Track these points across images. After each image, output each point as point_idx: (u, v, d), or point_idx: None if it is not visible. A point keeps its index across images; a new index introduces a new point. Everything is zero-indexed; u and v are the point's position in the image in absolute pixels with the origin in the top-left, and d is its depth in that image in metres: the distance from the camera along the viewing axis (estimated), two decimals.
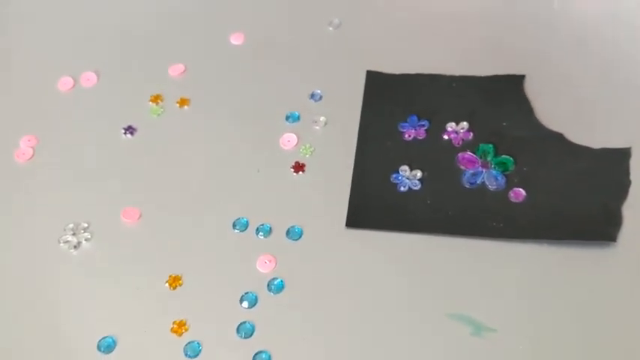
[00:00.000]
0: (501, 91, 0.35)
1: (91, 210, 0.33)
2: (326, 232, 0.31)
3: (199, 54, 0.39)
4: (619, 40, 0.37)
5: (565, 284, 0.29)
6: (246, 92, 0.37)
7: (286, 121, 0.36)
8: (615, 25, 0.37)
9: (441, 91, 0.36)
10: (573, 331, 0.28)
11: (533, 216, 0.31)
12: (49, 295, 0.30)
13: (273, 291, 0.30)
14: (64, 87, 0.38)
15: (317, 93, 0.37)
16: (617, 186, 0.31)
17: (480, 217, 0.31)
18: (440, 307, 0.29)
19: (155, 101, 0.37)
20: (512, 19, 0.38)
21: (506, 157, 0.33)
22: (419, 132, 0.34)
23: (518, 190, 0.32)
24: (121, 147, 0.35)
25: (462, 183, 0.32)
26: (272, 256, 0.31)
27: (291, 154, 0.34)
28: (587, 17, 0.37)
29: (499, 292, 0.29)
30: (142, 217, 0.33)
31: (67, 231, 0.32)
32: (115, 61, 0.39)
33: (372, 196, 0.32)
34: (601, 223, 0.30)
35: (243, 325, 0.29)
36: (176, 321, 0.29)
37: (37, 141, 0.36)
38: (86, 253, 0.32)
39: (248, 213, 0.32)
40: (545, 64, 0.36)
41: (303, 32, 0.39)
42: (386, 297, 0.29)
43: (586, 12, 0.37)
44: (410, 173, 0.33)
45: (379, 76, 0.37)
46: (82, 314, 0.30)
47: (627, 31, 0.37)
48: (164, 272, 0.30)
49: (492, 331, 0.28)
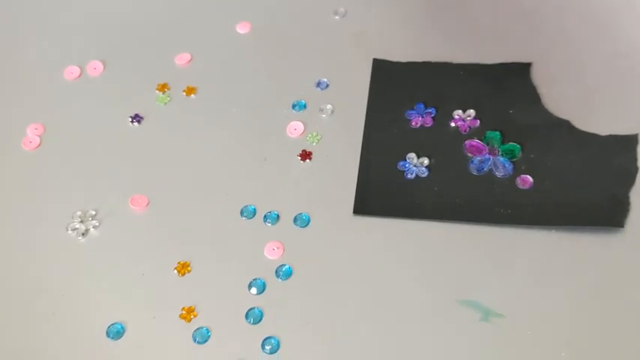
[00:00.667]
0: (508, 78, 0.35)
1: (98, 198, 0.33)
2: (333, 219, 0.31)
3: (206, 43, 0.39)
4: (626, 26, 0.37)
5: (573, 270, 0.29)
6: (253, 81, 0.37)
7: (293, 110, 0.36)
8: (623, 11, 0.37)
9: (447, 79, 0.36)
10: (581, 317, 0.28)
11: (540, 202, 0.31)
12: (57, 282, 0.30)
13: (281, 277, 0.30)
14: (71, 76, 0.38)
15: (323, 81, 0.37)
16: (625, 172, 0.31)
17: (488, 203, 0.31)
18: (448, 293, 0.29)
19: (162, 90, 0.37)
20: (519, 7, 0.38)
21: (514, 144, 0.33)
22: (426, 119, 0.34)
23: (526, 177, 0.32)
24: (128, 135, 0.35)
25: (470, 170, 0.32)
26: (280, 243, 0.31)
27: (298, 142, 0.34)
28: (595, 4, 0.37)
29: (507, 279, 0.29)
30: (149, 205, 0.33)
31: (74, 218, 0.32)
32: (121, 50, 0.39)
33: (379, 184, 0.32)
34: (608, 209, 0.30)
35: (251, 310, 0.29)
36: (185, 307, 0.29)
37: (44, 129, 0.36)
38: (94, 241, 0.32)
39: (255, 201, 0.32)
40: (552, 51, 0.36)
41: (310, 21, 0.39)
42: (394, 283, 0.29)
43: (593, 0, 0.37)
44: (417, 161, 0.33)
45: (385, 64, 0.37)
46: (90, 301, 0.30)
47: (634, 17, 0.37)
48: (173, 259, 0.31)
49: (501, 317, 0.28)
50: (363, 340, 0.28)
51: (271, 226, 0.31)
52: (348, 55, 0.38)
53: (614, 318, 0.28)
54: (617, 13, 0.37)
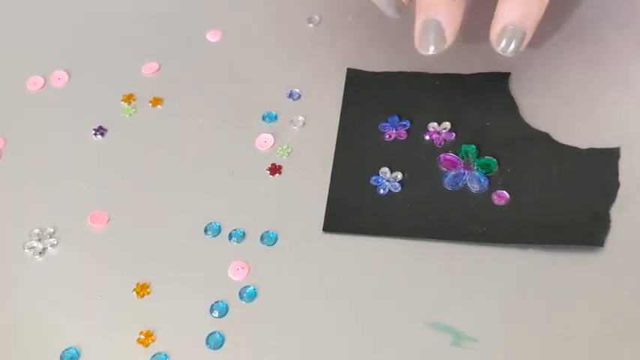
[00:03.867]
0: (485, 89, 0.34)
1: (57, 214, 0.32)
2: (302, 236, 0.30)
3: (175, 52, 0.37)
4: (606, 38, 0.36)
5: (550, 292, 0.28)
6: (223, 91, 0.36)
7: (263, 121, 0.34)
8: (601, 23, 0.36)
9: (423, 90, 0.35)
10: (557, 341, 0.26)
11: (517, 219, 0.29)
12: (11, 303, 0.29)
13: (245, 299, 0.28)
14: (34, 86, 0.37)
15: (295, 92, 0.35)
16: (606, 188, 0.30)
17: (462, 220, 0.30)
18: (419, 315, 0.27)
19: (127, 101, 0.36)
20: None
21: (490, 158, 0.31)
22: (400, 132, 0.33)
23: (502, 192, 0.30)
24: (91, 149, 0.34)
25: (444, 185, 0.31)
26: (245, 263, 0.29)
27: (268, 155, 0.33)
28: (573, 15, 0.36)
29: (481, 300, 0.28)
30: (110, 222, 0.31)
31: (32, 236, 0.31)
32: (87, 60, 0.37)
33: (350, 200, 0.31)
34: (588, 226, 0.29)
35: (212, 335, 0.27)
36: (143, 331, 0.28)
37: (5, 142, 0.34)
38: (52, 260, 0.30)
39: (221, 217, 0.31)
40: (531, 61, 0.35)
41: (283, 29, 0.38)
42: (364, 305, 0.28)
43: (572, 10, 0.36)
44: (390, 175, 0.32)
45: (360, 74, 0.36)
46: (45, 324, 0.28)
47: (613, 28, 0.36)
48: (132, 280, 0.29)
49: (473, 341, 0.27)
50: None
51: (237, 245, 0.30)
52: (321, 65, 0.36)
53: (592, 341, 0.26)
54: (596, 24, 0.36)
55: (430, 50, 0.31)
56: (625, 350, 0.26)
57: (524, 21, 0.30)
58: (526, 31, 0.30)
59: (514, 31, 0.30)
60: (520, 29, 0.30)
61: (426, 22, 0.31)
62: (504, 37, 0.30)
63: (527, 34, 0.31)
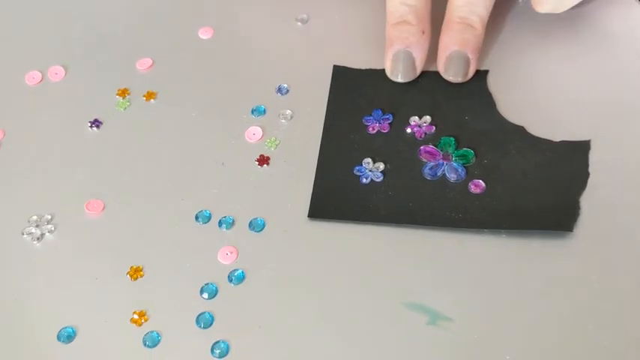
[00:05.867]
0: (464, 86, 0.36)
1: (55, 202, 0.33)
2: (288, 223, 0.32)
3: (168, 48, 0.39)
4: (579, 35, 0.38)
5: (521, 274, 0.29)
6: (214, 86, 0.37)
7: (252, 115, 0.36)
8: (575, 20, 0.38)
9: (405, 86, 0.36)
10: (527, 320, 0.28)
11: (492, 207, 0.31)
12: (10, 285, 0.30)
13: (233, 282, 0.30)
14: (32, 81, 0.38)
15: (284, 87, 0.37)
16: (576, 178, 0.32)
17: (440, 208, 0.31)
18: (398, 296, 0.29)
19: (122, 95, 0.37)
20: None
21: (467, 149, 0.33)
22: (383, 125, 0.35)
23: (478, 181, 0.32)
24: (87, 140, 0.35)
25: (423, 175, 0.33)
26: (234, 248, 0.31)
27: (257, 147, 0.35)
28: (548, 16, 0.38)
29: (457, 282, 0.29)
30: (105, 209, 0.33)
31: (30, 223, 0.32)
32: (83, 55, 0.39)
33: (334, 188, 0.33)
34: (559, 213, 0.31)
35: (202, 315, 0.29)
36: (136, 311, 0.29)
37: (4, 134, 0.36)
38: (49, 245, 0.32)
39: (211, 205, 0.32)
40: (507, 59, 0.37)
41: (272, 27, 0.40)
42: (346, 287, 0.30)
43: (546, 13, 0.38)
44: (373, 166, 0.33)
45: (345, 70, 0.37)
46: (43, 305, 0.30)
47: (586, 26, 0.38)
48: (126, 263, 0.31)
49: (449, 320, 0.28)
50: (313, 342, 0.28)
51: (226, 231, 0.32)
52: (309, 62, 0.38)
53: (559, 320, 0.28)
54: (570, 22, 0.38)
55: (399, 78, 0.35)
56: (590, 327, 0.28)
57: (463, 47, 0.34)
58: (469, 56, 0.33)
59: (457, 57, 0.34)
60: (462, 55, 0.34)
61: (398, 52, 0.34)
62: (450, 64, 0.34)
63: (471, 58, 0.34)
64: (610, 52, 0.37)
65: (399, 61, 0.35)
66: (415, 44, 0.34)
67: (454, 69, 0.34)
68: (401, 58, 0.35)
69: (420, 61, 0.35)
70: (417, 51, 0.35)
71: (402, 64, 0.35)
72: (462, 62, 0.34)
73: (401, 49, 0.35)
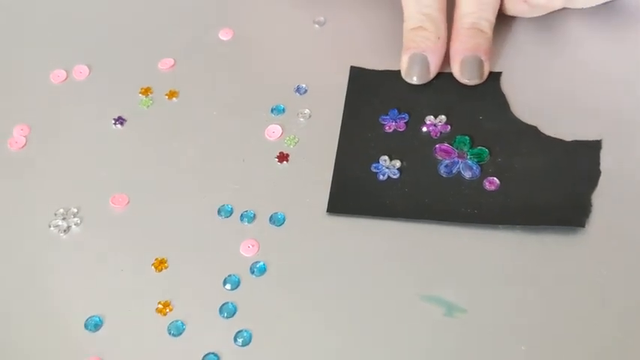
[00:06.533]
0: (479, 86, 0.37)
1: (80, 196, 0.34)
2: (308, 218, 0.33)
3: (189, 49, 0.40)
4: (590, 36, 0.38)
5: (534, 268, 0.30)
6: (234, 86, 0.38)
7: (271, 114, 0.37)
8: (586, 22, 0.39)
9: (421, 87, 0.37)
10: (541, 312, 0.29)
11: (506, 203, 0.32)
12: (38, 276, 0.31)
13: (255, 274, 0.31)
14: (57, 79, 0.39)
15: (302, 87, 0.38)
16: (588, 176, 0.33)
17: (455, 204, 0.32)
18: (415, 289, 0.30)
19: (145, 93, 0.38)
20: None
21: (482, 148, 0.34)
22: (399, 124, 0.36)
23: (493, 179, 0.33)
24: (111, 137, 0.36)
25: (439, 172, 0.34)
26: (255, 241, 0.32)
27: (276, 144, 0.36)
28: (560, 18, 0.39)
29: (472, 276, 0.30)
30: (130, 204, 0.34)
31: (57, 216, 0.33)
32: (107, 55, 0.40)
33: (352, 184, 0.34)
34: (571, 210, 0.32)
35: (225, 305, 0.30)
36: (161, 301, 0.30)
37: (30, 130, 0.37)
38: (75, 237, 0.33)
39: (233, 200, 0.33)
40: (521, 61, 0.38)
41: (290, 29, 0.41)
42: (363, 279, 0.30)
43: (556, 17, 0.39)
44: (389, 163, 0.34)
45: (362, 71, 0.38)
46: (70, 295, 0.31)
47: (598, 29, 0.38)
48: (150, 255, 0.32)
49: (464, 312, 0.29)
50: (332, 332, 0.29)
51: (247, 225, 0.33)
52: (326, 63, 0.39)
53: (571, 313, 0.29)
54: (582, 25, 0.39)
55: (414, 80, 0.36)
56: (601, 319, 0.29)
57: (475, 51, 0.35)
58: (481, 58, 0.35)
59: (472, 61, 0.35)
60: (477, 58, 0.35)
61: (413, 55, 0.35)
62: (464, 69, 0.35)
63: (484, 60, 0.36)
64: (621, 55, 0.38)
65: (414, 64, 0.36)
66: (431, 49, 0.36)
67: (469, 72, 0.35)
68: (417, 62, 0.36)
69: (435, 66, 0.36)
70: (432, 56, 0.36)
71: (417, 67, 0.36)
72: (477, 65, 0.35)
73: (417, 52, 0.36)
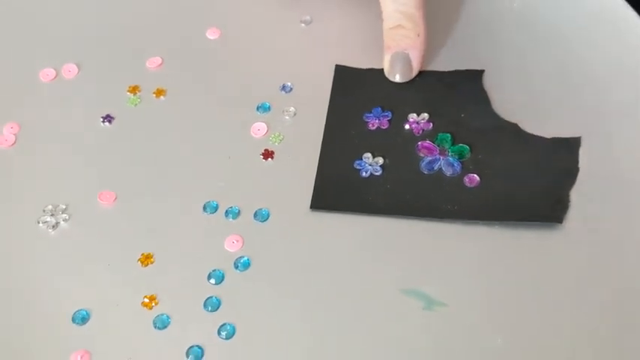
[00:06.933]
0: (461, 84, 0.37)
1: (69, 193, 0.34)
2: (291, 214, 0.33)
3: (176, 48, 0.40)
4: (571, 37, 0.39)
5: (512, 263, 0.31)
6: (220, 84, 0.39)
7: (257, 111, 0.37)
8: (568, 23, 0.39)
9: (404, 85, 0.38)
10: (517, 306, 0.30)
11: (486, 200, 0.33)
12: (27, 271, 0.32)
13: (239, 268, 0.31)
14: (47, 78, 0.40)
15: (288, 85, 0.38)
16: (567, 173, 0.33)
17: (436, 200, 0.33)
18: (396, 283, 0.31)
19: (133, 92, 0.39)
20: (473, 19, 0.40)
21: (463, 145, 0.35)
22: (382, 122, 0.36)
23: (473, 175, 0.34)
24: (99, 135, 0.37)
25: (421, 169, 0.34)
26: (239, 237, 0.33)
27: (261, 141, 0.36)
28: (542, 18, 0.39)
29: (451, 270, 0.31)
30: (117, 200, 0.34)
31: (45, 212, 0.34)
32: (95, 54, 0.40)
33: (335, 181, 0.34)
34: (549, 206, 0.32)
35: (209, 299, 0.30)
36: (147, 295, 0.31)
37: (19, 128, 0.37)
38: (64, 233, 0.33)
39: (218, 197, 0.34)
40: (503, 59, 0.38)
41: (277, 28, 0.41)
42: (345, 274, 0.31)
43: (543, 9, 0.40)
44: (372, 160, 0.35)
45: (347, 70, 0.39)
46: (58, 289, 0.31)
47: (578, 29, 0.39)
48: (137, 251, 0.32)
49: (443, 306, 0.30)
50: (314, 325, 0.30)
51: (232, 221, 0.33)
52: (312, 61, 0.40)
53: (547, 306, 0.30)
54: (564, 25, 0.39)
55: (397, 78, 0.37)
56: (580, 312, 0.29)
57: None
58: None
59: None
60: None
61: (395, 54, 0.36)
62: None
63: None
64: (602, 55, 0.38)
65: (396, 63, 0.37)
66: (411, 46, 0.36)
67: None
68: (398, 60, 0.36)
69: (417, 63, 0.37)
70: (413, 52, 0.36)
71: (399, 65, 0.36)
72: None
73: (398, 51, 0.36)
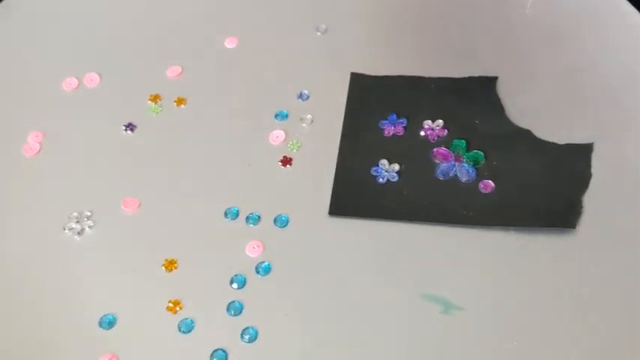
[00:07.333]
0: (475, 91, 0.38)
1: (93, 200, 0.36)
2: (310, 220, 0.34)
3: (196, 57, 0.41)
4: (583, 44, 0.40)
5: (528, 267, 0.32)
6: (239, 92, 0.40)
7: (275, 119, 0.38)
8: (580, 30, 0.40)
9: (419, 92, 0.38)
10: (532, 310, 0.30)
11: (501, 205, 0.33)
12: (55, 277, 0.33)
13: (260, 273, 0.32)
14: (69, 87, 0.41)
15: (304, 93, 0.39)
16: (579, 178, 0.34)
17: (452, 206, 0.34)
18: (414, 287, 0.31)
19: (154, 100, 0.40)
20: (487, 27, 0.41)
21: (478, 151, 0.35)
22: (398, 129, 0.37)
23: (488, 182, 0.34)
24: (122, 142, 0.38)
25: (436, 175, 0.35)
26: (260, 242, 0.33)
27: (280, 149, 0.37)
28: (556, 22, 0.40)
29: (468, 275, 0.32)
30: (141, 207, 0.35)
31: (71, 219, 0.35)
32: (117, 63, 0.42)
33: (353, 187, 0.35)
34: (563, 211, 0.33)
35: (232, 303, 0.31)
36: (171, 300, 0.32)
37: (44, 137, 0.38)
38: (89, 239, 0.34)
39: (239, 203, 0.35)
40: (516, 66, 0.39)
41: (293, 37, 0.42)
42: (364, 278, 0.32)
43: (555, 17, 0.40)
44: (389, 166, 0.36)
45: (362, 77, 0.40)
46: (84, 294, 0.32)
47: (590, 35, 0.40)
48: (161, 256, 0.33)
49: (460, 310, 0.30)
50: (336, 329, 0.30)
51: (253, 227, 0.34)
52: (328, 69, 0.40)
53: (562, 310, 0.30)
54: (576, 32, 0.40)
55: None
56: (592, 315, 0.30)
57: None
58: None
59: None
60: None
61: None
62: None
63: None
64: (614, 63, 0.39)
65: None
66: None
67: None
68: None
69: None
70: None
71: None
72: None
73: None
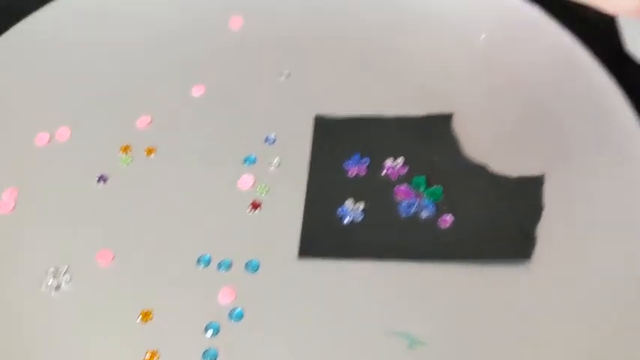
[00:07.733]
0: (432, 129, 0.40)
1: (69, 254, 0.37)
2: (281, 263, 0.35)
3: (164, 106, 0.43)
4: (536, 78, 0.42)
5: (487, 298, 0.33)
6: (207, 138, 0.41)
7: (244, 164, 0.40)
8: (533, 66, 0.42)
9: (380, 131, 0.40)
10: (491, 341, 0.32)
11: (459, 239, 0.35)
12: (32, 334, 0.34)
13: (234, 319, 0.34)
14: (42, 142, 0.42)
15: (271, 137, 0.41)
16: (532, 210, 0.36)
17: (414, 242, 0.35)
18: (381, 324, 0.33)
19: (125, 151, 0.41)
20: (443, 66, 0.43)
21: (437, 187, 0.37)
22: (361, 169, 0.39)
23: (446, 217, 0.36)
24: (95, 194, 0.39)
25: (399, 213, 0.37)
26: (232, 288, 0.35)
27: (249, 193, 0.38)
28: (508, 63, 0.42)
29: (431, 309, 0.33)
30: (114, 259, 0.36)
31: (48, 275, 0.36)
32: (87, 116, 0.43)
33: (320, 229, 0.37)
34: (518, 243, 0.35)
35: (207, 351, 0.32)
36: (148, 351, 0.33)
37: (18, 192, 0.39)
38: (66, 294, 0.35)
39: (210, 250, 0.36)
40: (470, 103, 0.41)
41: (258, 82, 0.44)
42: (334, 317, 0.33)
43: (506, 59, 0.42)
44: (354, 206, 0.37)
45: (326, 119, 0.41)
46: (62, 349, 0.33)
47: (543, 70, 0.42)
48: (136, 308, 0.34)
49: (423, 345, 0.32)
50: None
51: (225, 273, 0.35)
52: (292, 113, 0.42)
53: (521, 338, 0.32)
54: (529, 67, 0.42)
55: None
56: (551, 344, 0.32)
57: None
58: None
59: None
60: None
61: None
62: None
63: None
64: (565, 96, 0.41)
65: None
66: None
67: None
68: None
69: None
70: None
71: None
72: None
73: None
